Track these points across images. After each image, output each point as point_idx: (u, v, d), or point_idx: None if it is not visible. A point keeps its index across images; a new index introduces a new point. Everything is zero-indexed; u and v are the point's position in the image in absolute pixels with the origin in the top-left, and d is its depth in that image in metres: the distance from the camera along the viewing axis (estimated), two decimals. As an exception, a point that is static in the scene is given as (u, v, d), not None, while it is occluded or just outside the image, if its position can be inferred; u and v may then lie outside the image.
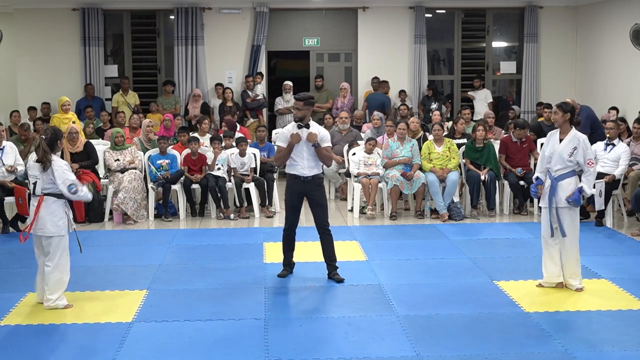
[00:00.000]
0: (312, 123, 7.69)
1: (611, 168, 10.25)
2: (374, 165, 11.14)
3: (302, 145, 7.58)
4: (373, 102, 14.46)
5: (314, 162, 7.63)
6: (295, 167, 7.61)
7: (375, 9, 15.53)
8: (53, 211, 6.75)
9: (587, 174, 7.10)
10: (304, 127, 7.59)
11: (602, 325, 6.31)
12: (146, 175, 11.16)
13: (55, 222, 6.76)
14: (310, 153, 7.59)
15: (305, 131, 7.58)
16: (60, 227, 6.77)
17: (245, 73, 15.26)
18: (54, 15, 15.20)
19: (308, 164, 7.60)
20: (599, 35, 14.87)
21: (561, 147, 7.12)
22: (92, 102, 14.53)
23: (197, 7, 15.13)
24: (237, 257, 8.68)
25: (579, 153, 7.06)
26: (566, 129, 7.15)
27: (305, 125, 7.60)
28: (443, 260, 8.47)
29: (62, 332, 6.27)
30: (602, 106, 13.87)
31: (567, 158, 7.08)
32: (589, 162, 7.09)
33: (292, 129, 7.64)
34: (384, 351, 5.77)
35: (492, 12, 15.98)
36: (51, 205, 6.75)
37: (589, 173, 7.10)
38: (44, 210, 6.74)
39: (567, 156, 7.08)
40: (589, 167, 7.09)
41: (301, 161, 7.59)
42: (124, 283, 7.63)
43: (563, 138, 7.15)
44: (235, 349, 5.86)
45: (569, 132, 7.14)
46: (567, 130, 7.15)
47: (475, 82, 15.32)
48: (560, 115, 7.13)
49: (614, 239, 9.53)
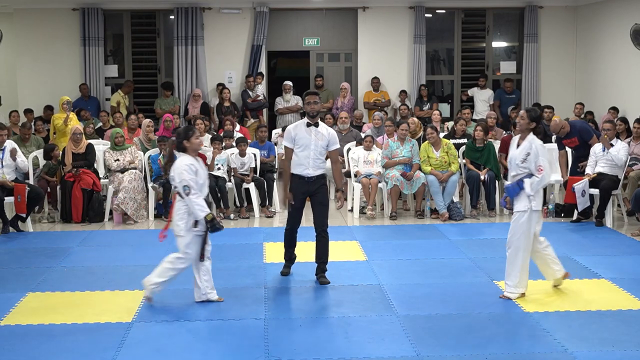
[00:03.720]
0: (321, 123, 7.59)
1: (610, 169, 10.24)
2: (375, 162, 11.13)
3: (309, 145, 7.46)
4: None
5: (320, 162, 7.54)
6: (300, 167, 7.49)
7: (375, 9, 15.53)
8: (177, 210, 6.77)
9: (533, 179, 6.80)
10: (313, 126, 7.50)
11: (602, 325, 6.30)
12: (146, 175, 11.16)
13: (175, 221, 6.77)
14: (317, 153, 7.47)
15: (314, 130, 7.48)
16: (179, 227, 6.74)
17: (245, 73, 15.27)
18: (54, 15, 15.21)
19: (314, 163, 7.47)
20: (599, 35, 14.87)
21: (516, 153, 6.93)
22: (88, 102, 14.53)
23: (197, 7, 15.13)
24: (237, 257, 8.69)
25: (530, 160, 6.82)
26: (525, 135, 6.93)
27: (315, 124, 7.50)
28: (443, 260, 8.47)
29: (62, 332, 6.26)
30: (603, 106, 13.88)
31: (519, 164, 6.86)
32: (539, 169, 6.79)
33: (296, 128, 7.55)
34: (384, 351, 5.77)
35: (492, 12, 15.98)
36: (177, 203, 6.78)
37: (535, 178, 6.80)
38: (174, 209, 6.79)
39: (519, 162, 6.86)
40: (538, 173, 6.78)
41: (307, 161, 7.46)
42: (124, 283, 7.63)
43: (520, 144, 6.96)
44: (235, 349, 5.87)
45: (526, 138, 6.91)
46: (525, 137, 6.93)
47: (481, 81, 15.30)
48: (526, 121, 6.89)
49: (614, 239, 9.52)
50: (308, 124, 7.50)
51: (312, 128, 7.48)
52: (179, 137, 6.83)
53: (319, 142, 7.47)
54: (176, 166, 6.71)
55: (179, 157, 6.75)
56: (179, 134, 6.89)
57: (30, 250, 9.16)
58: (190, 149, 6.79)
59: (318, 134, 7.48)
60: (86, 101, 14.55)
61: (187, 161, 6.73)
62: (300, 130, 7.50)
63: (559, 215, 10.79)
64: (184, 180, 6.65)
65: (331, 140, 7.54)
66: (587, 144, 10.63)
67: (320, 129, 7.51)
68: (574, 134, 10.68)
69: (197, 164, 6.79)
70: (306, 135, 7.46)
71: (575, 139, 10.65)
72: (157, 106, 14.63)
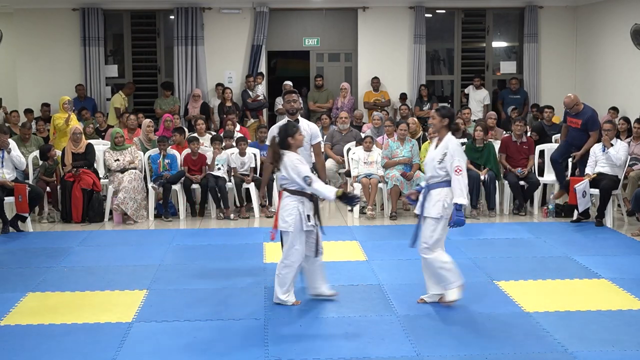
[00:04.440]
0: (301, 119, 7.73)
1: (610, 169, 10.25)
2: (375, 163, 11.12)
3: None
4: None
5: (307, 158, 7.55)
6: None
7: (375, 9, 15.54)
8: (284, 206, 6.73)
9: (454, 183, 6.52)
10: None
11: (602, 325, 6.30)
12: (146, 175, 11.17)
13: (283, 218, 6.72)
14: (303, 149, 7.49)
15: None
16: (288, 223, 6.69)
17: (245, 73, 15.27)
18: (54, 16, 15.21)
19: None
20: (599, 35, 14.87)
21: (434, 154, 6.68)
22: (84, 102, 14.52)
23: (197, 7, 15.14)
24: (237, 257, 8.69)
25: (447, 160, 6.56)
26: (443, 134, 6.70)
27: (295, 121, 7.54)
28: (443, 260, 8.45)
29: (62, 332, 6.26)
30: (603, 106, 13.86)
31: (436, 165, 6.60)
32: (456, 169, 6.51)
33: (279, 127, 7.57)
34: (384, 351, 5.77)
35: (492, 12, 15.99)
36: (284, 199, 6.75)
37: (456, 181, 6.51)
38: (281, 205, 6.77)
39: (436, 163, 6.60)
40: (455, 174, 6.49)
41: None
42: (124, 283, 7.63)
43: (439, 144, 6.72)
44: (235, 349, 5.86)
45: (444, 138, 6.69)
46: (443, 136, 6.70)
47: (476, 81, 15.28)
48: (437, 120, 6.68)
49: (614, 239, 9.52)
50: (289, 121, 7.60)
51: None
52: (283, 135, 6.76)
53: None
54: (287, 163, 6.66)
55: (286, 155, 6.69)
56: (282, 131, 6.80)
57: (30, 250, 9.16)
58: (294, 145, 6.75)
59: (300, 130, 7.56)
60: (82, 102, 14.53)
61: (296, 156, 6.71)
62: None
63: (559, 215, 10.79)
64: (301, 172, 6.61)
65: (313, 134, 7.68)
66: (587, 133, 10.65)
67: (301, 123, 7.57)
68: (583, 116, 10.67)
69: (302, 158, 6.78)
70: None
71: (581, 122, 10.66)
72: (157, 106, 14.64)
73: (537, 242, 9.33)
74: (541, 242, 9.28)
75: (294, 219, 6.67)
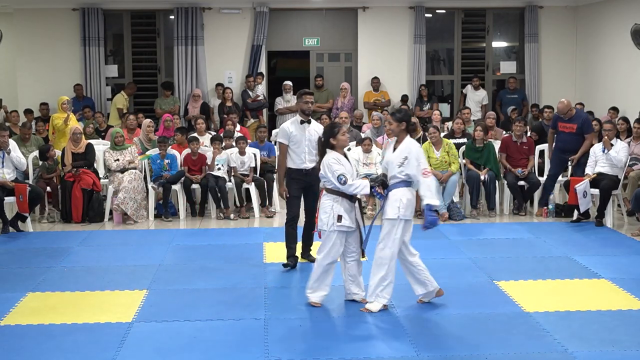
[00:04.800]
0: (312, 120, 8.17)
1: (610, 169, 10.25)
2: (373, 164, 11.11)
3: (303, 141, 8.01)
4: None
5: (314, 155, 7.90)
6: (296, 162, 8.01)
7: (375, 9, 15.53)
8: (321, 204, 6.81)
9: (423, 185, 6.48)
10: (306, 123, 8.07)
11: (602, 325, 6.30)
12: (146, 175, 11.17)
13: (320, 216, 6.79)
14: (310, 147, 7.97)
15: (306, 127, 8.04)
16: (322, 221, 6.74)
17: (245, 73, 15.26)
18: (54, 15, 15.21)
19: (309, 157, 8.00)
20: (599, 35, 14.87)
21: (393, 157, 6.63)
22: (83, 102, 14.51)
23: (197, 7, 15.13)
24: (237, 257, 8.68)
25: (409, 163, 6.50)
26: (402, 137, 6.65)
27: (307, 122, 8.07)
28: (443, 260, 8.46)
29: (62, 332, 6.26)
30: (603, 106, 13.87)
31: (396, 168, 6.56)
32: (423, 172, 6.47)
33: (292, 125, 8.07)
34: (384, 351, 5.77)
35: (492, 12, 15.98)
36: (322, 198, 6.83)
37: (424, 184, 6.48)
38: (319, 204, 6.86)
39: (396, 166, 6.56)
40: (424, 177, 6.47)
41: (303, 155, 8.00)
42: (124, 283, 7.63)
43: (397, 147, 6.66)
44: (235, 349, 5.86)
45: (403, 141, 6.64)
46: (402, 139, 6.65)
47: (474, 81, 15.27)
48: (395, 125, 6.63)
49: (614, 239, 9.52)
50: (302, 121, 8.09)
51: (305, 125, 8.08)
52: (326, 135, 6.85)
53: (312, 137, 7.98)
54: (324, 162, 6.75)
55: (327, 154, 6.77)
56: (326, 132, 6.91)
57: (30, 250, 9.16)
58: (337, 145, 6.80)
59: (311, 130, 8.06)
60: (80, 101, 14.52)
61: (333, 156, 6.75)
62: (295, 128, 8.07)
63: (559, 215, 10.79)
64: (335, 171, 6.65)
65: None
66: (583, 136, 10.69)
67: (312, 125, 8.11)
68: (577, 120, 10.72)
69: (343, 159, 6.79)
70: (300, 132, 8.04)
71: (575, 126, 10.69)
72: (157, 106, 14.63)
73: (537, 242, 9.33)
74: (541, 242, 9.28)
75: (328, 217, 6.71)
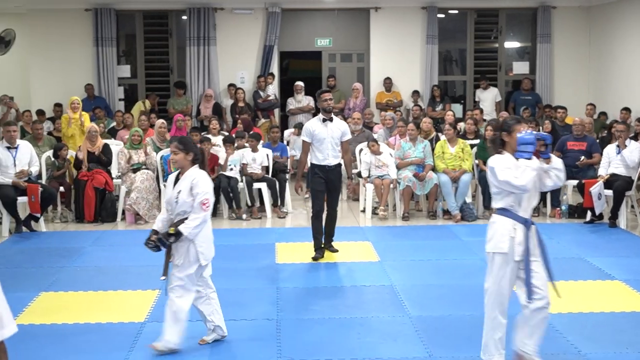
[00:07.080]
0: (334, 117, 8.54)
1: (624, 169, 10.20)
2: (386, 166, 11.06)
3: (326, 138, 8.36)
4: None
5: (337, 152, 8.42)
6: (320, 158, 8.39)
7: (388, 9, 15.51)
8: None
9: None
10: (328, 121, 8.41)
11: (616, 326, 6.27)
12: (158, 175, 11.18)
13: None
14: (333, 144, 8.38)
15: (329, 124, 8.40)
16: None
17: (257, 73, 15.27)
18: (66, 16, 15.25)
19: (332, 153, 8.40)
20: (613, 36, 14.79)
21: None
22: (94, 102, 14.54)
23: (209, 7, 15.15)
24: (249, 258, 8.68)
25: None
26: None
27: (329, 119, 8.41)
28: (455, 261, 8.44)
29: (74, 332, 6.29)
30: (615, 107, 13.79)
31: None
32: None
33: (314, 124, 8.45)
34: (396, 352, 5.76)
35: (504, 12, 15.93)
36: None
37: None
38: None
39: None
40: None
41: (326, 152, 8.37)
42: (137, 283, 7.65)
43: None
44: (247, 349, 5.87)
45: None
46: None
47: (482, 83, 15.25)
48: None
49: (628, 240, 9.47)
50: (324, 119, 8.43)
51: (327, 122, 8.42)
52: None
53: (334, 134, 8.39)
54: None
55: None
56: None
57: (43, 250, 9.19)
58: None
59: (333, 127, 8.42)
60: (91, 101, 14.55)
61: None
62: (318, 126, 8.42)
63: (572, 216, 10.74)
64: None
65: (344, 132, 8.53)
66: (591, 155, 10.96)
67: (334, 122, 8.48)
68: (588, 140, 11.07)
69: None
70: (322, 129, 8.39)
71: (586, 144, 10.96)
72: (170, 106, 14.65)
73: (550, 243, 9.26)
74: (554, 243, 9.24)
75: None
